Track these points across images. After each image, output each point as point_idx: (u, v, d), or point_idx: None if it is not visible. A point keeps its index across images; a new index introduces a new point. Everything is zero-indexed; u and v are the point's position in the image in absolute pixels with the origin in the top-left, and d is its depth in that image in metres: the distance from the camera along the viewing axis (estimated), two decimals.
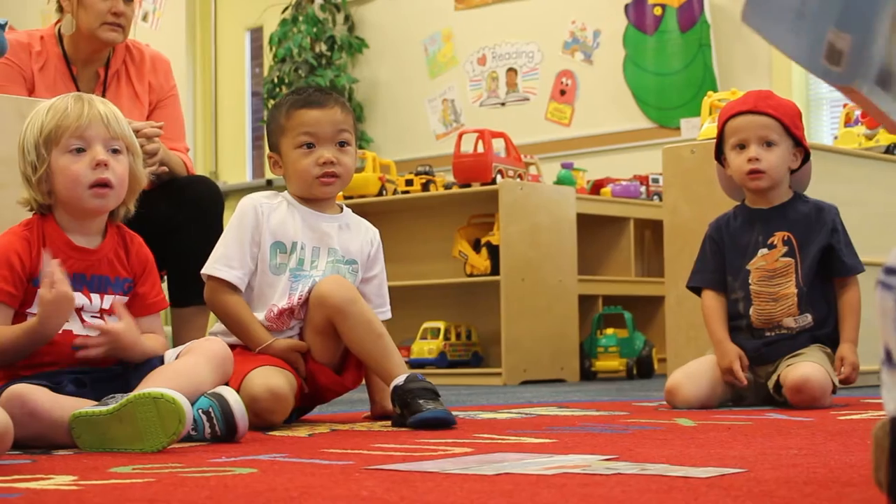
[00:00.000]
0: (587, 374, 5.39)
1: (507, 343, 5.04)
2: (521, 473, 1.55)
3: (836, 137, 4.51)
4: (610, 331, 5.41)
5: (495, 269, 5.15)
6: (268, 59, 8.59)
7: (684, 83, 6.78)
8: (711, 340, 3.05)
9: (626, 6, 6.98)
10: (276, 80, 8.23)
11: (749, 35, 6.63)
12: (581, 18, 7.25)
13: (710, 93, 4.24)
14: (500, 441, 2.11)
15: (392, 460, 1.77)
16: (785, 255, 3.01)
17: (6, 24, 2.98)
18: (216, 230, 3.24)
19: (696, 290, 3.16)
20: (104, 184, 2.29)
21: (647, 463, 1.65)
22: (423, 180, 5.47)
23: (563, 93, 7.31)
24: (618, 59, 7.07)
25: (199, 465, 1.79)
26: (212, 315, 2.91)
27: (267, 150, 2.88)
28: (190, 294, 3.22)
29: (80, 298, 2.32)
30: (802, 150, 3.07)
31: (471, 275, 5.30)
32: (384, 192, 5.52)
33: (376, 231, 2.89)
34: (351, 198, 5.45)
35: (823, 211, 3.04)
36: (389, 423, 2.60)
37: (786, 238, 3.02)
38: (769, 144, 3.00)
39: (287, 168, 2.75)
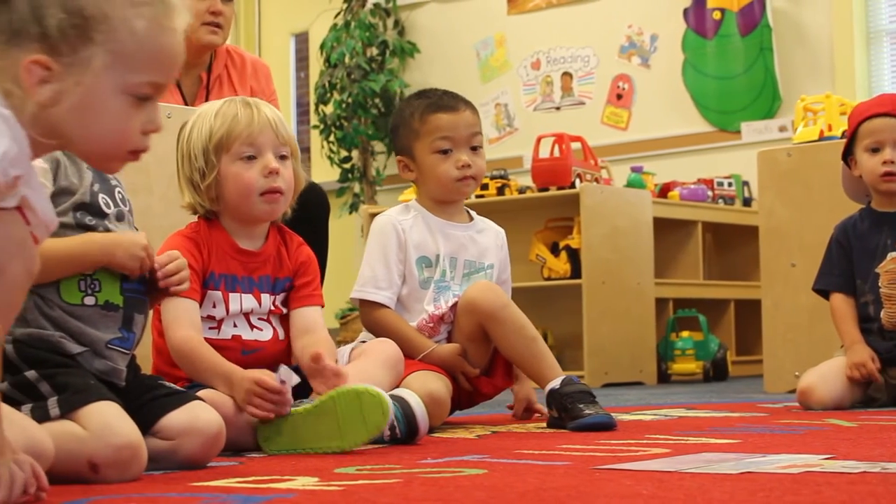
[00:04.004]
0: (662, 377, 5.41)
1: (590, 346, 5.06)
2: (772, 472, 1.58)
3: None
4: (685, 333, 5.42)
5: (575, 273, 5.18)
6: (315, 63, 8.62)
7: (745, 87, 6.80)
8: (844, 342, 3.08)
9: (685, 10, 7.00)
10: (327, 84, 8.26)
11: (812, 39, 6.66)
12: (638, 23, 7.27)
13: (803, 96, 4.26)
14: (684, 441, 2.14)
15: (605, 461, 1.80)
16: None
17: None
18: (322, 234, 3.28)
19: (824, 294, 3.18)
20: (275, 191, 2.32)
21: (882, 462, 1.68)
22: (499, 184, 5.50)
23: (619, 97, 7.34)
24: (676, 63, 7.09)
25: (413, 466, 1.82)
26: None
27: (395, 155, 2.88)
28: None
29: (249, 301, 2.35)
30: None
31: (549, 278, 5.32)
32: None
33: (503, 232, 2.92)
34: None
35: None
36: (544, 424, 2.64)
37: None
38: None
39: (423, 172, 2.77)
